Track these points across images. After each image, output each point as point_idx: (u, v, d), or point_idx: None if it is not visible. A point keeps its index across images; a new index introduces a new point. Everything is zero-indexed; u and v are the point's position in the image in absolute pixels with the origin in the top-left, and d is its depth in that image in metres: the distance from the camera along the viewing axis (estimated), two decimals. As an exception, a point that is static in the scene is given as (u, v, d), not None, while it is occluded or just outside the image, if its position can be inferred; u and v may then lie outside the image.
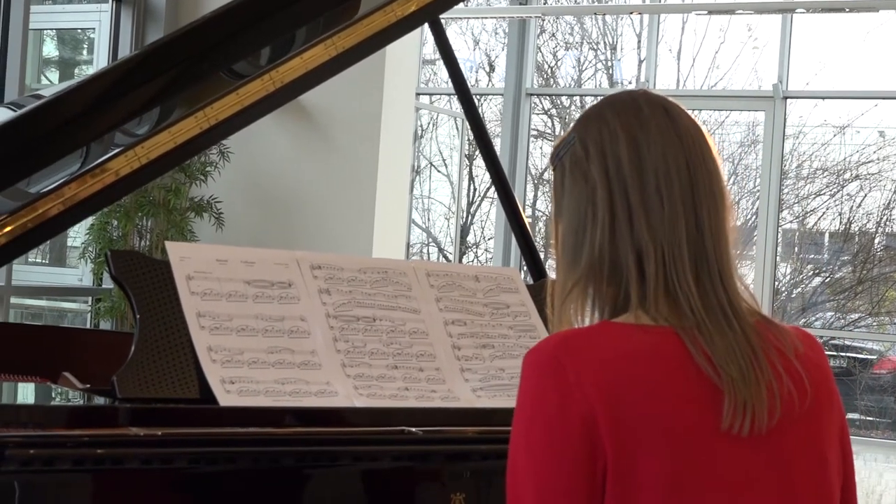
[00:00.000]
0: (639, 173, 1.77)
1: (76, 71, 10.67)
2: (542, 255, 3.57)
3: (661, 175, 1.77)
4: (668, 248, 1.75)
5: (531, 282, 3.34)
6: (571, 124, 1.89)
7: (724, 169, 1.86)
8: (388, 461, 2.63)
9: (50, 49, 10.87)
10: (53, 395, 2.82)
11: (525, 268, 3.64)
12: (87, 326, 8.94)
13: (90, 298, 9.31)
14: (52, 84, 10.54)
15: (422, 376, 2.82)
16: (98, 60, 9.54)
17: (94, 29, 9.73)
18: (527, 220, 3.63)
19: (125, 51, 9.17)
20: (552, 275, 3.48)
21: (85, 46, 10.56)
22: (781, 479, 1.72)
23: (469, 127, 3.61)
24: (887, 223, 13.40)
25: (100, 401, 2.60)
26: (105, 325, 8.58)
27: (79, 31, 10.51)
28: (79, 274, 9.36)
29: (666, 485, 1.64)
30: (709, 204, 1.78)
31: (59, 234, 5.69)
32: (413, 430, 2.66)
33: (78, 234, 8.62)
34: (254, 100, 3.11)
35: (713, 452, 1.68)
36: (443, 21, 3.57)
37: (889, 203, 13.23)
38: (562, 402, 1.66)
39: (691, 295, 1.74)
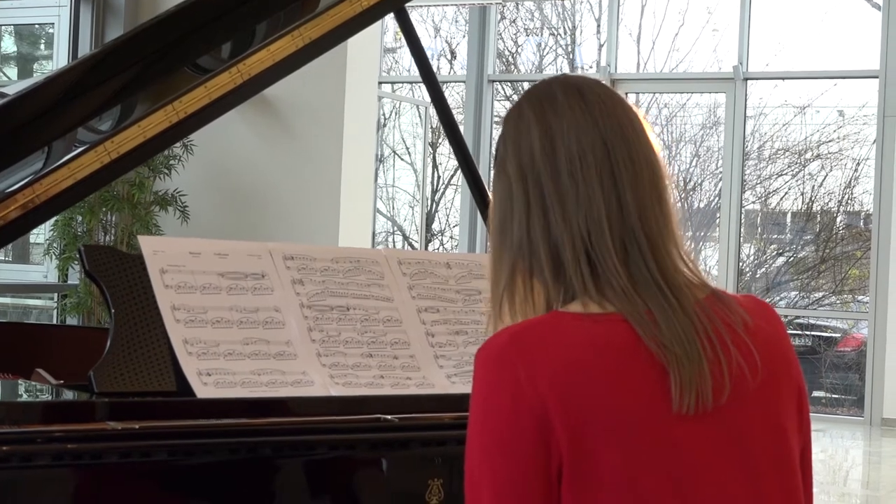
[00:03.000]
0: (551, 162, 1.76)
1: (35, 67, 10.62)
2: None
3: (575, 159, 1.75)
4: (587, 233, 1.73)
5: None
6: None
7: (656, 141, 1.84)
8: (365, 449, 2.64)
9: (8, 45, 10.81)
10: (29, 392, 2.82)
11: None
12: (51, 322, 8.91)
13: (56, 295, 9.28)
14: (10, 81, 10.49)
15: (396, 364, 2.83)
16: (58, 56, 9.49)
17: (52, 24, 9.68)
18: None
19: (85, 46, 9.14)
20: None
21: (43, 42, 10.51)
22: (741, 454, 1.72)
23: (436, 115, 3.62)
24: (849, 202, 13.50)
25: (77, 396, 2.61)
26: (72, 321, 8.56)
27: (37, 26, 10.46)
28: (43, 270, 9.31)
29: (623, 476, 1.64)
30: (631, 178, 1.76)
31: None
32: (389, 417, 2.68)
33: (41, 231, 8.58)
34: (222, 93, 3.11)
35: (668, 437, 1.67)
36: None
37: (850, 182, 13.34)
38: (513, 401, 1.65)
39: (618, 275, 1.71)
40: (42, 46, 10.59)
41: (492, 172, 1.89)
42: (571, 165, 1.75)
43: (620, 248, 1.74)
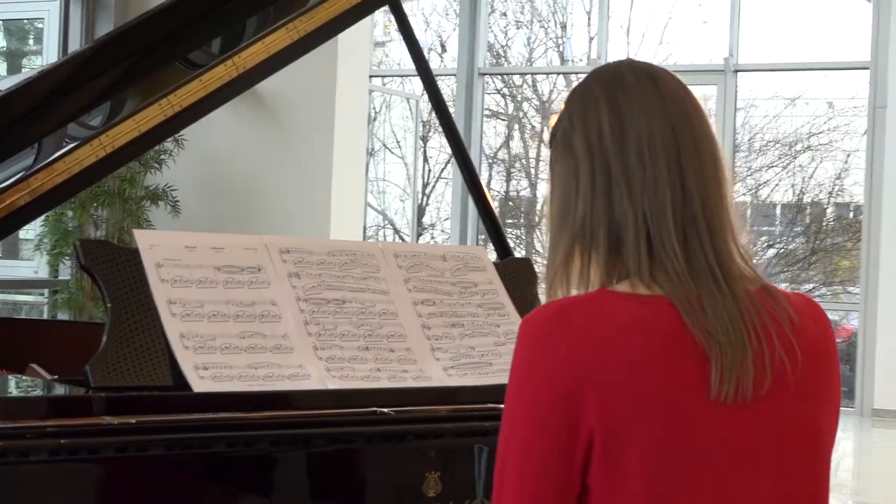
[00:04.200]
0: (621, 141, 1.77)
1: (24, 62, 10.59)
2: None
3: (643, 141, 1.76)
4: (650, 215, 1.74)
5: (498, 260, 3.36)
6: (565, 102, 1.90)
7: (716, 132, 1.85)
8: (362, 442, 2.64)
9: (-3, 40, 10.80)
10: (24, 387, 2.81)
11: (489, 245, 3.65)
12: (44, 318, 8.90)
13: (46, 290, 9.26)
14: (0, 76, 10.46)
15: (393, 357, 2.83)
16: (47, 51, 9.48)
17: (42, 19, 9.66)
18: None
19: (75, 41, 9.12)
20: (517, 254, 3.50)
21: (32, 37, 10.48)
22: (774, 447, 1.72)
23: (433, 110, 3.62)
24: (839, 193, 13.52)
25: (73, 391, 2.60)
26: (63, 316, 8.55)
27: (26, 21, 10.43)
28: (34, 266, 9.29)
29: (655, 459, 1.65)
30: (695, 167, 1.77)
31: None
32: (386, 410, 2.67)
33: (32, 227, 8.57)
34: (217, 86, 3.11)
35: (703, 423, 1.67)
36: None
37: (840, 173, 13.36)
38: (549, 376, 1.67)
39: (676, 259, 1.72)
40: (31, 42, 10.56)
41: (482, 161, 1.89)
42: (640, 147, 1.76)
43: (681, 232, 1.74)
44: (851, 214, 13.49)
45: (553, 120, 1.91)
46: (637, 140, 1.76)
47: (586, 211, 1.77)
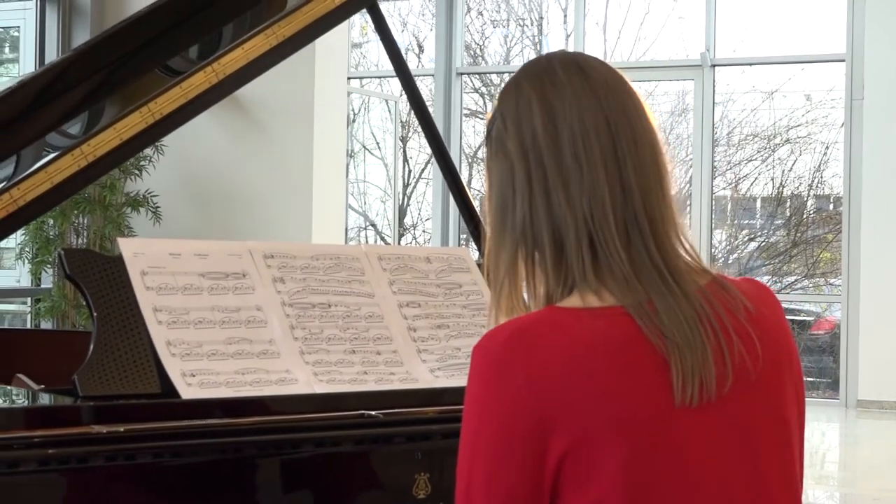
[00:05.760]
0: (554, 141, 1.70)
1: (0, 70, 10.57)
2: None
3: (578, 139, 1.69)
4: (590, 217, 1.67)
5: (481, 261, 3.37)
6: (497, 97, 1.83)
7: (655, 122, 1.79)
8: (351, 445, 2.64)
9: (-27, 49, 10.76)
10: (11, 397, 2.81)
11: (470, 244, 3.66)
12: (28, 327, 8.88)
13: (29, 299, 9.24)
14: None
15: (380, 360, 2.84)
16: (24, 59, 9.46)
17: (18, 27, 9.63)
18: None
19: (52, 48, 9.11)
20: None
21: (8, 45, 10.46)
22: (743, 445, 1.68)
23: (413, 111, 3.62)
24: (819, 186, 13.57)
25: (61, 400, 2.60)
26: (46, 325, 8.54)
27: (2, 29, 10.41)
28: (16, 275, 9.28)
29: (626, 473, 1.60)
30: (634, 161, 1.71)
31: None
32: (373, 413, 2.68)
33: (13, 236, 8.54)
34: (197, 92, 3.10)
35: (672, 431, 1.62)
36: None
37: (819, 165, 13.40)
38: (510, 405, 1.60)
39: (621, 262, 1.66)
40: (7, 50, 10.54)
41: (462, 161, 1.85)
42: (574, 146, 1.69)
43: (623, 232, 1.68)
44: (831, 206, 13.54)
45: (488, 116, 1.84)
46: (571, 138, 1.70)
47: (525, 215, 1.71)
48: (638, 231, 1.69)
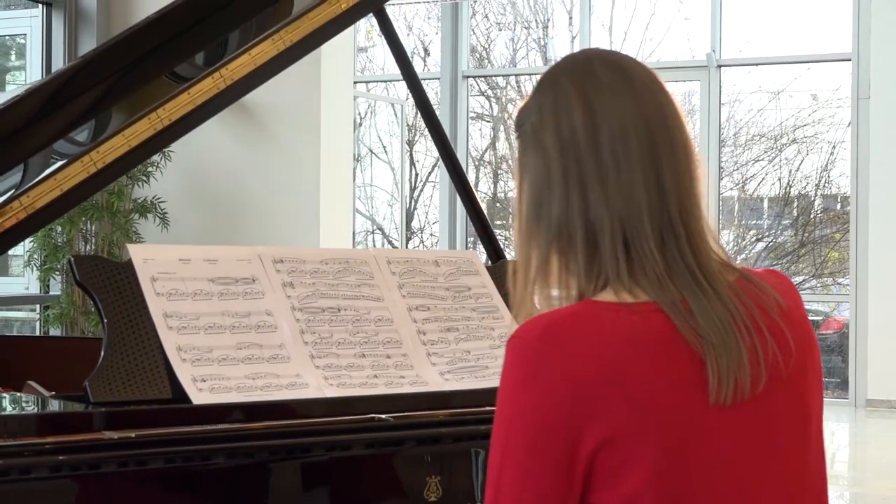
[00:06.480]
0: (593, 139, 1.70)
1: (8, 78, 10.59)
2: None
3: (616, 138, 1.69)
4: (626, 217, 1.68)
5: (489, 263, 3.37)
6: (532, 90, 1.82)
7: (689, 123, 1.79)
8: (362, 449, 2.65)
9: (-20, 57, 10.79)
10: (22, 404, 2.81)
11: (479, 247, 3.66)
12: (38, 334, 8.89)
13: (38, 306, 9.26)
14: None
15: (389, 363, 2.84)
16: (31, 66, 9.47)
17: (24, 35, 9.65)
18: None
19: (58, 56, 9.12)
20: (508, 256, 3.51)
21: (14, 52, 10.48)
22: (769, 443, 1.69)
23: (419, 113, 3.62)
24: (826, 185, 13.55)
25: (72, 406, 2.61)
26: (55, 331, 8.55)
27: (8, 38, 10.42)
28: (24, 282, 9.29)
29: (659, 468, 1.61)
30: (671, 162, 1.71)
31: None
32: (384, 416, 2.68)
33: (21, 243, 8.55)
34: (205, 98, 3.11)
35: (705, 428, 1.64)
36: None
37: (826, 165, 13.39)
38: (543, 403, 1.61)
39: (655, 262, 1.67)
40: (14, 57, 10.56)
41: (469, 164, 1.82)
42: (613, 145, 1.69)
43: (657, 233, 1.68)
44: (839, 206, 13.52)
45: (520, 104, 1.83)
46: (610, 137, 1.69)
47: (561, 212, 1.70)
48: (672, 232, 1.70)
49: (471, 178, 14.13)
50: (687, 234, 1.70)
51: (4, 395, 2.89)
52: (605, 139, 1.70)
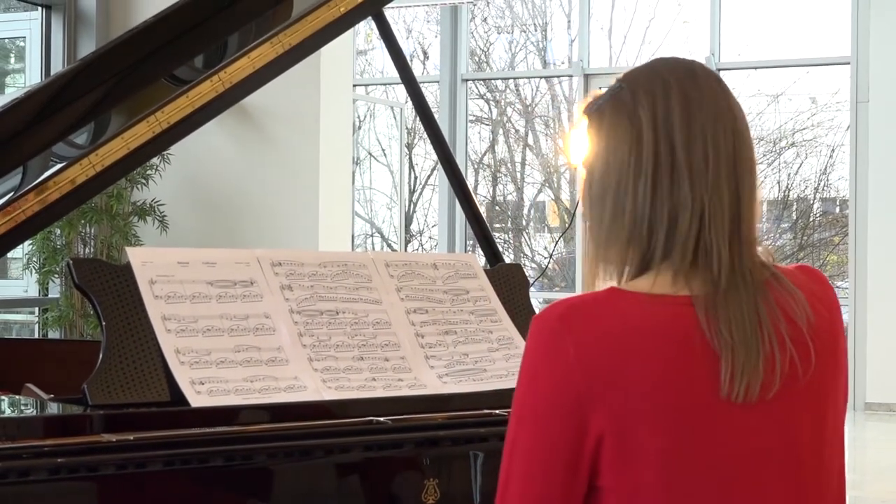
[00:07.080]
0: (688, 129, 1.73)
1: (7, 81, 10.59)
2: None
3: (709, 138, 1.74)
4: (708, 208, 1.72)
5: (488, 267, 3.37)
6: (616, 80, 1.84)
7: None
8: (360, 452, 2.65)
9: (-21, 60, 10.79)
10: (21, 407, 2.82)
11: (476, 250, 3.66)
12: (36, 337, 8.89)
13: (37, 309, 9.25)
14: (-16, 96, 10.45)
15: (388, 366, 2.84)
16: (30, 69, 9.47)
17: (24, 38, 9.65)
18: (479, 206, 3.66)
19: (57, 58, 9.12)
20: (507, 259, 3.51)
21: (13, 55, 10.48)
22: (786, 447, 1.72)
23: (418, 116, 3.63)
24: (825, 188, 13.56)
25: (70, 409, 2.61)
26: (53, 334, 8.54)
27: (7, 40, 10.43)
28: (23, 285, 9.28)
29: (665, 458, 1.66)
30: (747, 176, 1.77)
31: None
32: (382, 419, 2.69)
33: (20, 245, 8.54)
34: (204, 101, 3.12)
35: (715, 423, 1.68)
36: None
37: (825, 168, 13.39)
38: (558, 376, 1.67)
39: (723, 258, 1.72)
40: (13, 60, 10.56)
41: (468, 167, 1.84)
42: (706, 144, 1.74)
43: (729, 233, 1.73)
44: (838, 209, 13.53)
45: (597, 93, 1.84)
46: (703, 135, 1.74)
47: (646, 195, 1.74)
48: (739, 237, 1.75)
49: (470, 181, 14.13)
50: (747, 237, 1.76)
51: (3, 397, 2.90)
52: (699, 134, 1.74)
